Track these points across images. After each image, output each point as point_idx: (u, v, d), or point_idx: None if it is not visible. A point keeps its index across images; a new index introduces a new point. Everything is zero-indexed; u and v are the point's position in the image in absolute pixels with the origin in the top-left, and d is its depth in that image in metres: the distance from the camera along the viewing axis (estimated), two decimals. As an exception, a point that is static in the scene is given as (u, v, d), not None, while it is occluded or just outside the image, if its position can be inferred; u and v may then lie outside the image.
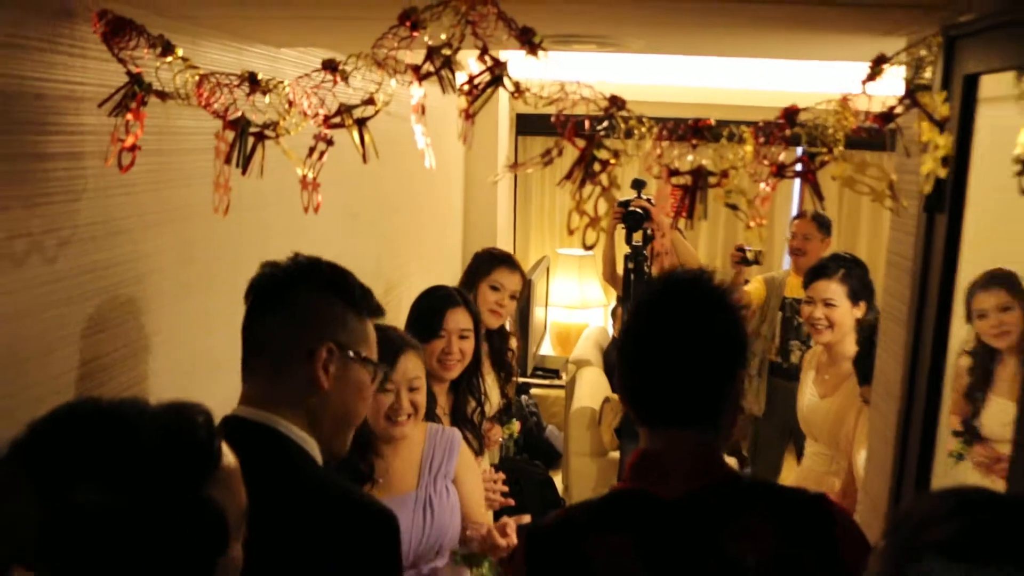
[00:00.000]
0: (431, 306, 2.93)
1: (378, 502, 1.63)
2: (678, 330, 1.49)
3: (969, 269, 1.74)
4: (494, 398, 3.45)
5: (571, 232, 1.48)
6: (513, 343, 3.62)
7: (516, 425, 3.79)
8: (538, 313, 5.74)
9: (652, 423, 1.52)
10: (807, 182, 1.48)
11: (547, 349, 6.61)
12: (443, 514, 2.44)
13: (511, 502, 3.01)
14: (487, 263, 3.52)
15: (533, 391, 6.12)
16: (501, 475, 3.03)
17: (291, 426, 1.56)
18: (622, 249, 4.46)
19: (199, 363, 2.13)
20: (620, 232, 4.48)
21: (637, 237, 4.29)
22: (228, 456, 1.14)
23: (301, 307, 1.58)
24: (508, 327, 3.64)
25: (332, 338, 1.58)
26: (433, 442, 2.52)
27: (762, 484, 1.57)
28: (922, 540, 0.92)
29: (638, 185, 4.36)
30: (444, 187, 5.00)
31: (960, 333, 2.27)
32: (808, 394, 3.48)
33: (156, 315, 1.93)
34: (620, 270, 4.55)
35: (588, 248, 1.50)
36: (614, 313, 6.10)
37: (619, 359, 1.56)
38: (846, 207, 6.52)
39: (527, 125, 6.21)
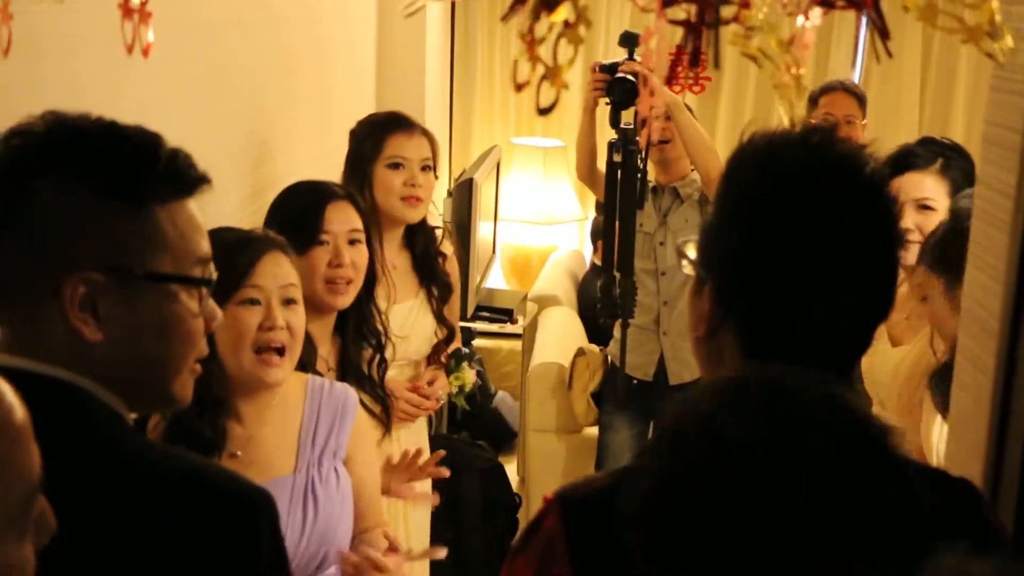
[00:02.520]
0: (300, 202, 2.94)
1: (240, 478, 1.61)
2: (847, 226, 1.54)
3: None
4: (422, 329, 3.49)
5: (519, 88, 1.48)
6: (447, 247, 3.66)
7: (469, 374, 3.76)
8: (483, 230, 5.72)
9: (773, 356, 1.52)
10: (866, 14, 1.47)
11: (496, 281, 6.66)
12: (330, 507, 2.43)
13: (444, 472, 3.09)
14: (371, 136, 3.51)
15: (476, 342, 6.14)
16: (439, 453, 3.10)
17: (80, 378, 1.50)
18: (605, 135, 4.45)
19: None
20: (602, 111, 4.47)
21: (627, 117, 4.28)
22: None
23: (36, 215, 1.48)
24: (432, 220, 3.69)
25: (91, 262, 1.48)
26: (316, 403, 2.51)
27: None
28: None
29: (629, 41, 4.32)
30: (348, 53, 4.97)
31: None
32: (875, 338, 3.48)
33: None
34: (602, 165, 4.54)
35: (542, 113, 1.49)
36: (595, 230, 6.11)
37: (726, 249, 1.57)
38: (934, 72, 6.55)
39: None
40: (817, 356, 1.53)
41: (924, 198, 3.34)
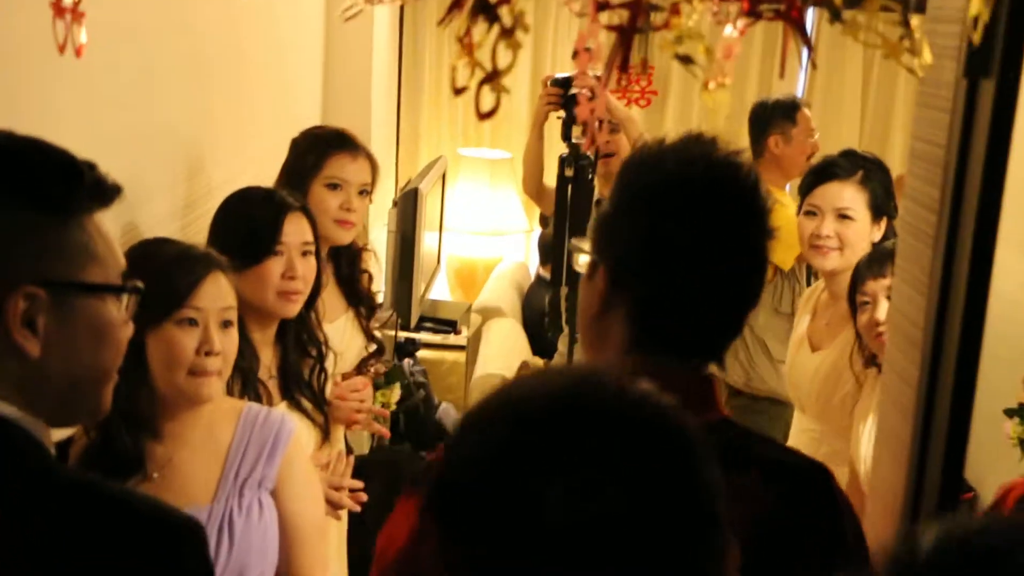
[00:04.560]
0: (255, 211, 2.91)
1: (168, 507, 1.60)
2: (728, 229, 1.72)
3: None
4: (355, 346, 3.47)
5: (457, 92, 1.49)
6: (368, 261, 3.62)
7: (395, 392, 3.74)
8: (428, 240, 5.70)
9: (651, 350, 1.70)
10: (792, 24, 1.50)
11: (441, 292, 6.62)
12: (248, 540, 2.37)
13: (356, 507, 3.03)
14: (315, 151, 3.46)
15: (421, 353, 6.12)
16: (348, 461, 3.05)
17: (5, 406, 1.48)
18: (554, 150, 4.46)
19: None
20: (552, 125, 4.48)
21: (578, 132, 4.29)
22: None
23: None
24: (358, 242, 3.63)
25: (32, 275, 1.47)
26: (248, 431, 2.46)
27: (759, 437, 1.80)
28: None
29: (582, 56, 4.32)
30: (294, 59, 4.94)
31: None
32: (797, 345, 3.53)
33: None
34: (549, 180, 4.55)
35: (482, 117, 1.50)
36: (542, 243, 6.12)
37: (622, 234, 1.74)
38: (875, 87, 6.68)
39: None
40: (694, 336, 1.72)
41: (844, 207, 3.43)
